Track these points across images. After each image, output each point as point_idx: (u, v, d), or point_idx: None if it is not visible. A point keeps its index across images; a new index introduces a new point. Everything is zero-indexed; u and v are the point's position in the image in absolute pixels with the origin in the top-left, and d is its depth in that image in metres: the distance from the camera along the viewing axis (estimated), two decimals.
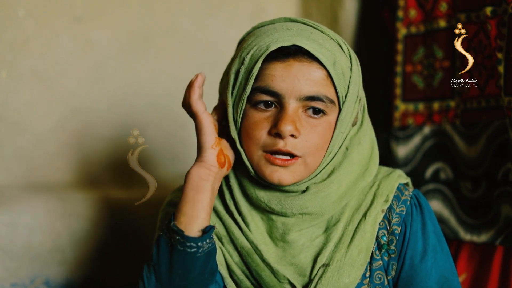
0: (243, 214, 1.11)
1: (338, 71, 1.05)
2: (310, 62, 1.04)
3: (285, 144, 1.03)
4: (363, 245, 1.08)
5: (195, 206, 1.01)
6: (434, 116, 1.63)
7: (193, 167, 1.05)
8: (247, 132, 1.07)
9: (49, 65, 1.70)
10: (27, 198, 1.57)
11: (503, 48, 1.37)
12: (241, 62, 1.08)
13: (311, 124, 1.05)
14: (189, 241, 0.98)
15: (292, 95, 1.03)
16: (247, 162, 1.08)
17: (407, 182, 1.18)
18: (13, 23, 1.64)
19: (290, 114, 1.03)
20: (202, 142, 1.07)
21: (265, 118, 1.05)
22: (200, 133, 1.07)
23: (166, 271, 0.99)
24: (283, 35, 1.05)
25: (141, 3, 1.83)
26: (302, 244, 1.09)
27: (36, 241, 1.53)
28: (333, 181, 1.09)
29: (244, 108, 1.07)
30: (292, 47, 1.03)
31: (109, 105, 1.77)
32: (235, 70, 1.09)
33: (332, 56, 1.05)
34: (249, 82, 1.05)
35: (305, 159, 1.05)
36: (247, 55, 1.07)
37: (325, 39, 1.07)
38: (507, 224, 1.42)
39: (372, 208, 1.11)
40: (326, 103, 1.04)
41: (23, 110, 1.66)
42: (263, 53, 1.04)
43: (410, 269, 1.09)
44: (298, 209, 1.08)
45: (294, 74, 1.03)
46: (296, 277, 1.08)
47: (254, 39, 1.09)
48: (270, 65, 1.04)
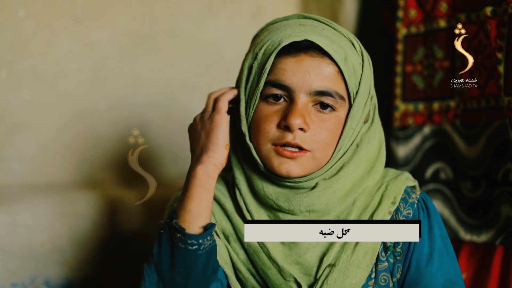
0: (250, 212, 1.12)
1: (349, 67, 1.06)
2: (322, 57, 1.05)
3: (294, 137, 1.03)
4: (370, 246, 1.08)
5: (201, 204, 1.01)
6: (434, 116, 1.63)
7: (201, 164, 1.04)
8: (257, 125, 1.08)
9: (49, 65, 1.70)
10: (27, 198, 1.57)
11: (503, 48, 1.37)
12: (254, 57, 1.09)
13: (320, 119, 1.05)
14: (190, 238, 0.97)
15: (302, 89, 1.04)
16: (256, 156, 1.08)
17: (414, 185, 1.18)
18: (13, 23, 1.64)
19: (300, 108, 1.04)
20: (217, 139, 1.06)
21: (274, 111, 1.06)
22: (215, 128, 1.07)
23: (167, 269, 0.99)
24: (296, 31, 1.06)
25: (141, 3, 1.83)
26: (308, 244, 1.09)
27: (36, 241, 1.53)
28: (341, 177, 1.09)
29: (257, 103, 1.07)
30: (304, 42, 1.05)
31: (109, 105, 1.77)
32: (248, 65, 1.10)
33: (344, 52, 1.06)
34: (262, 77, 1.06)
35: (313, 153, 1.05)
36: (260, 50, 1.08)
37: (337, 36, 1.08)
38: (507, 224, 1.42)
39: (379, 210, 1.11)
40: (336, 99, 1.05)
41: (23, 110, 1.66)
42: (276, 48, 1.05)
43: (416, 272, 1.09)
44: (305, 207, 1.08)
45: (305, 69, 1.04)
46: (302, 276, 1.08)
47: (267, 34, 1.10)
48: (282, 60, 1.05)
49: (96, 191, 1.67)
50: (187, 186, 1.03)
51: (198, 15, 1.92)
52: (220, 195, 1.16)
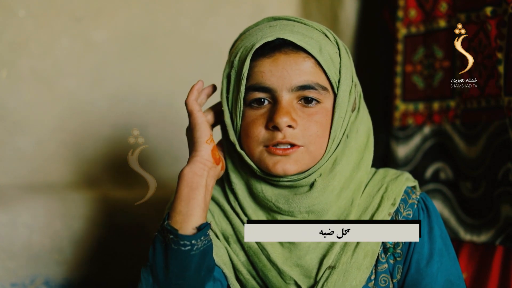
0: (248, 215, 1.11)
1: (325, 57, 1.06)
2: (296, 52, 1.05)
3: (284, 136, 1.04)
4: (369, 248, 1.08)
5: (190, 204, 1.01)
6: (434, 116, 1.63)
7: (187, 165, 1.05)
8: (245, 131, 1.08)
9: (49, 65, 1.70)
10: (27, 198, 1.57)
11: (503, 48, 1.37)
12: (231, 66, 1.10)
13: (307, 113, 1.05)
14: (182, 239, 0.97)
15: (283, 88, 1.04)
16: (250, 161, 1.08)
17: (414, 185, 1.18)
18: (13, 23, 1.64)
19: (285, 106, 1.04)
20: (196, 137, 1.07)
21: (260, 114, 1.06)
22: (194, 129, 1.08)
23: (162, 271, 0.99)
24: (267, 32, 1.07)
25: (141, 3, 1.83)
26: (308, 246, 1.09)
27: (36, 241, 1.53)
28: (336, 173, 1.09)
29: (242, 110, 1.08)
30: (276, 41, 1.05)
31: (109, 105, 1.77)
32: (226, 75, 1.11)
33: (317, 44, 1.06)
34: (242, 83, 1.06)
35: (307, 147, 1.05)
36: (235, 57, 1.09)
37: (308, 30, 1.08)
38: (507, 224, 1.42)
39: (379, 211, 1.11)
40: (319, 91, 1.05)
41: (23, 110, 1.66)
42: (250, 52, 1.05)
43: (416, 272, 1.09)
44: (305, 208, 1.08)
45: (282, 67, 1.04)
46: (302, 279, 1.08)
47: (240, 42, 1.11)
48: (258, 62, 1.06)
49: (96, 191, 1.67)
50: (176, 188, 1.04)
51: (198, 15, 1.92)
52: (219, 196, 1.16)
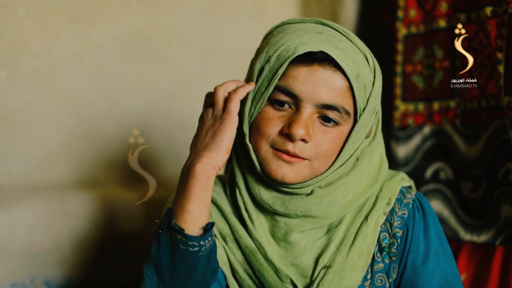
0: (249, 211, 1.12)
1: (360, 84, 1.05)
2: (334, 70, 1.03)
3: (294, 147, 1.03)
4: (364, 247, 1.08)
5: (201, 205, 0.99)
6: (434, 116, 1.63)
7: (200, 162, 1.01)
8: (258, 126, 1.06)
9: (49, 65, 1.70)
10: (27, 198, 1.57)
11: (503, 48, 1.37)
12: (267, 60, 1.06)
13: (323, 130, 1.05)
14: (191, 240, 0.96)
15: (310, 100, 1.03)
16: (254, 157, 1.08)
17: (410, 185, 1.18)
18: (13, 23, 1.64)
19: (304, 119, 1.03)
20: (221, 142, 1.02)
21: (278, 116, 1.05)
22: (222, 132, 1.03)
23: (168, 271, 0.98)
24: (313, 39, 1.04)
25: (141, 3, 1.83)
26: (304, 245, 1.09)
27: (36, 241, 1.53)
28: (338, 187, 1.09)
29: (263, 105, 1.06)
30: (319, 53, 1.02)
31: (109, 105, 1.77)
32: (260, 67, 1.08)
33: (357, 69, 1.04)
34: (273, 83, 1.04)
35: (311, 162, 1.05)
36: (274, 54, 1.05)
37: (352, 49, 1.06)
38: (507, 224, 1.42)
39: (374, 211, 1.11)
40: (342, 114, 1.04)
41: (23, 110, 1.66)
42: (291, 56, 1.03)
43: (412, 272, 1.09)
44: (302, 211, 1.08)
45: (316, 80, 1.02)
46: (298, 278, 1.09)
47: (282, 36, 1.07)
48: (294, 67, 1.03)
49: (96, 191, 1.67)
50: (186, 185, 1.00)
51: (198, 15, 1.92)
52: (217, 196, 1.15)
